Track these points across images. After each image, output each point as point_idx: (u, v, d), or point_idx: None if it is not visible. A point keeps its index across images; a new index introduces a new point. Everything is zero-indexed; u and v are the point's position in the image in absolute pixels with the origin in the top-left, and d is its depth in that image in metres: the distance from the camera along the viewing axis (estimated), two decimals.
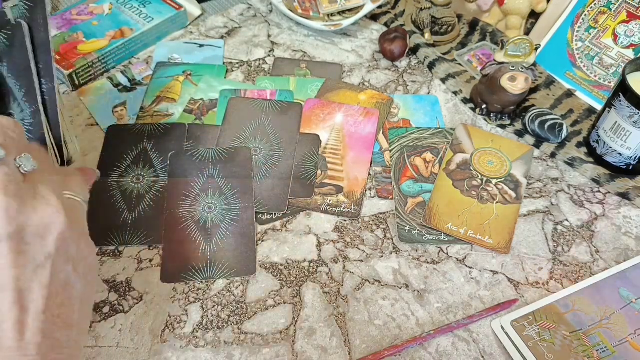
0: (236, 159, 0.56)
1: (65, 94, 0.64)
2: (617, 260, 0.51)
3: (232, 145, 0.57)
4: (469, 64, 0.71)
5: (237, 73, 0.68)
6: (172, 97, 0.63)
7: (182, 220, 0.51)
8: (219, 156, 0.56)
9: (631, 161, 0.56)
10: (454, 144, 0.59)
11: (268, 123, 0.60)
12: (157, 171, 0.55)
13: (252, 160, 0.56)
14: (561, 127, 0.60)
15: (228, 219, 0.51)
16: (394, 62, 0.71)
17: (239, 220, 0.51)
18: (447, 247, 0.51)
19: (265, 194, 0.54)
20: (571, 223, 0.54)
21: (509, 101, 0.60)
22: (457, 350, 0.44)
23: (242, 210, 0.52)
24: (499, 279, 0.49)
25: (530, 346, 0.44)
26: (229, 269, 0.49)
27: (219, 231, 0.51)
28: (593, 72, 0.66)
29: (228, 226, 0.51)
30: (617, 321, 0.45)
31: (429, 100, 0.65)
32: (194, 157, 0.56)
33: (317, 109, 0.62)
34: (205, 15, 0.77)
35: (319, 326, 0.45)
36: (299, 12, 0.74)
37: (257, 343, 0.44)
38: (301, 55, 0.71)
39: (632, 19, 0.64)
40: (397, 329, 0.46)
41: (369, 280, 0.49)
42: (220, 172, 0.55)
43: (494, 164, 0.57)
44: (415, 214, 0.53)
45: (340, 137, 0.60)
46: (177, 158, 0.56)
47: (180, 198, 0.53)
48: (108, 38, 0.68)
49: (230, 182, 0.54)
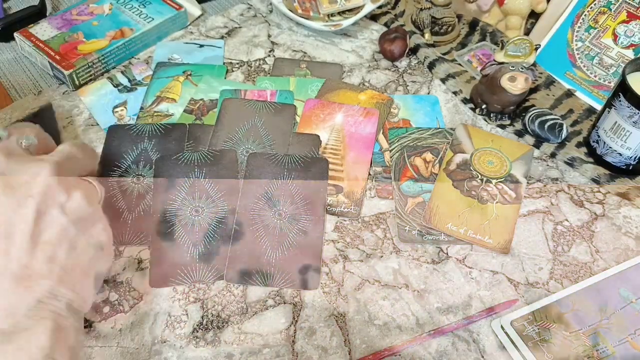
0: (222, 162, 0.55)
1: (65, 94, 0.64)
2: (617, 260, 0.51)
3: (218, 148, 0.56)
4: (469, 64, 0.71)
5: (237, 73, 0.68)
6: (172, 97, 0.63)
7: (169, 224, 0.50)
8: (204, 159, 0.55)
9: (631, 161, 0.56)
10: (453, 144, 0.59)
11: (261, 124, 0.60)
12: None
13: (237, 162, 0.55)
14: (561, 127, 0.60)
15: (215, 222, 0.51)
16: (394, 62, 0.71)
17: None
18: (447, 247, 0.51)
19: None
20: (571, 223, 0.54)
21: (509, 101, 0.60)
22: (457, 350, 0.44)
23: (229, 213, 0.51)
24: (499, 279, 0.49)
25: (530, 346, 0.44)
26: (218, 272, 0.48)
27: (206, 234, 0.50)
28: (593, 72, 0.66)
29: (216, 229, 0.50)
30: (617, 321, 0.45)
31: (429, 100, 0.65)
32: (179, 161, 0.54)
33: (317, 109, 0.62)
34: (205, 15, 0.77)
35: (319, 326, 0.46)
36: (299, 12, 0.74)
37: (257, 343, 0.44)
38: (301, 56, 0.71)
39: (632, 19, 0.64)
40: (397, 329, 0.46)
41: (369, 280, 0.49)
42: (206, 175, 0.53)
43: (494, 164, 0.57)
44: (415, 214, 0.53)
45: (340, 137, 0.60)
46: (162, 162, 0.54)
47: (166, 202, 0.52)
48: (108, 38, 0.68)
49: (217, 184, 0.53)
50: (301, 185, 0.53)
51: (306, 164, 0.55)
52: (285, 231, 0.50)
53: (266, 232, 0.50)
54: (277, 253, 0.49)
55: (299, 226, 0.51)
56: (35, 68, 0.68)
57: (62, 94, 0.64)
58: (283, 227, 0.51)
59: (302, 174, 0.54)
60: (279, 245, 0.50)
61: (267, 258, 0.49)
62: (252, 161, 0.55)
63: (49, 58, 0.64)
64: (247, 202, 0.52)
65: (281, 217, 0.51)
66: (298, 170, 0.54)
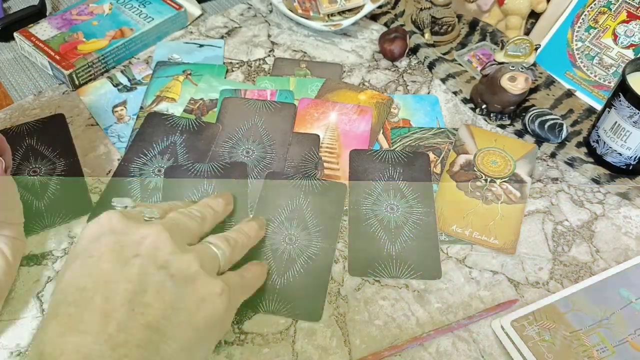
0: (232, 175, 0.54)
1: (65, 93, 0.64)
2: (617, 260, 0.51)
3: (228, 161, 0.56)
4: (469, 64, 0.71)
5: (237, 73, 0.68)
6: (172, 97, 0.63)
7: None
8: (214, 171, 0.54)
9: (631, 161, 0.56)
10: (456, 144, 0.59)
11: (261, 124, 0.60)
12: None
13: (247, 175, 0.54)
14: (561, 127, 0.60)
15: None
16: (394, 62, 0.71)
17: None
18: (447, 247, 0.51)
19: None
20: (571, 223, 0.54)
21: (509, 101, 0.60)
22: (457, 350, 0.44)
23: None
24: (499, 279, 0.49)
25: (530, 346, 0.44)
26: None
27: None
28: (593, 72, 0.66)
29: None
30: (617, 321, 0.45)
31: (429, 100, 0.65)
32: (189, 171, 0.54)
33: (311, 109, 0.62)
34: (205, 15, 0.77)
35: (319, 326, 0.45)
36: (299, 12, 0.74)
37: (257, 343, 0.44)
38: (301, 55, 0.71)
39: (632, 19, 0.64)
40: (397, 329, 0.46)
41: (368, 281, 0.49)
42: (215, 189, 0.53)
43: (497, 163, 0.57)
44: None
45: (335, 136, 0.60)
46: (172, 171, 0.54)
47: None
48: (108, 38, 0.68)
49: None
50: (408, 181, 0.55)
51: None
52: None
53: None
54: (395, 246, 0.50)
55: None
56: (35, 68, 0.68)
57: (61, 94, 0.64)
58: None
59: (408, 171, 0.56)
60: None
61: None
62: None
63: (48, 58, 0.64)
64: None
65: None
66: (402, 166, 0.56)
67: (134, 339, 0.31)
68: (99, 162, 0.57)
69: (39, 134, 0.58)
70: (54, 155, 0.56)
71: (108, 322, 0.32)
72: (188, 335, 0.34)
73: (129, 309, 0.32)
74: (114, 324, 0.32)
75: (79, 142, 0.58)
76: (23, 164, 0.55)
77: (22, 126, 0.59)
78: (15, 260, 0.44)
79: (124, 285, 0.33)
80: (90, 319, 0.32)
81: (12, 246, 0.44)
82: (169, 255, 0.36)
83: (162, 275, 0.35)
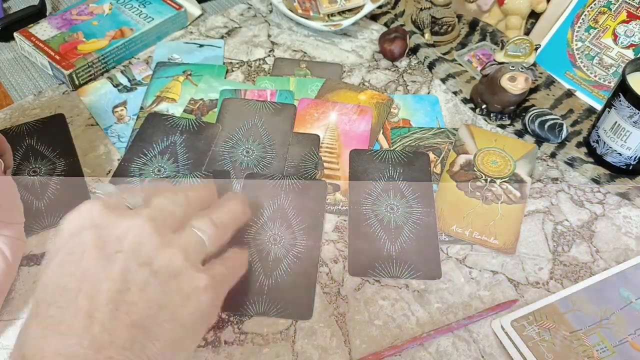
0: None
1: (65, 93, 0.64)
2: (617, 260, 0.51)
3: (210, 170, 0.55)
4: (469, 64, 0.71)
5: (237, 73, 0.68)
6: (172, 97, 0.63)
7: None
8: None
9: (631, 161, 0.56)
10: (456, 145, 0.59)
11: (261, 124, 0.60)
12: (179, 167, 0.55)
13: (232, 182, 0.54)
14: (561, 127, 0.60)
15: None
16: (394, 62, 0.71)
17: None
18: (447, 247, 0.51)
19: None
20: (571, 223, 0.54)
21: (509, 101, 0.60)
22: (457, 350, 0.44)
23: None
24: (499, 279, 0.49)
25: (530, 346, 0.44)
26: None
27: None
28: (593, 72, 0.66)
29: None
30: (617, 321, 0.45)
31: (429, 100, 0.65)
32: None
33: (310, 109, 0.62)
34: (205, 15, 0.77)
35: (319, 326, 0.45)
36: (299, 12, 0.74)
37: (257, 343, 0.44)
38: (301, 55, 0.71)
39: (632, 19, 0.64)
40: (397, 329, 0.46)
41: (369, 281, 0.49)
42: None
43: (497, 163, 0.57)
44: None
45: (335, 136, 0.60)
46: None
47: None
48: (108, 38, 0.68)
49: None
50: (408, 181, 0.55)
51: (409, 159, 0.56)
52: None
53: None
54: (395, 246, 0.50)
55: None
56: (35, 68, 0.68)
57: (61, 94, 0.64)
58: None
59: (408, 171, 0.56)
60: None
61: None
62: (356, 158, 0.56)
63: (48, 58, 0.64)
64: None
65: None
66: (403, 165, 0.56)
67: (119, 339, 0.31)
68: (99, 162, 0.57)
69: (39, 134, 0.58)
70: (54, 155, 0.56)
71: (91, 322, 0.31)
72: (174, 332, 0.33)
73: (113, 308, 0.31)
74: (98, 324, 0.31)
75: (79, 142, 0.58)
76: (23, 164, 0.55)
77: (22, 126, 0.59)
78: (15, 260, 0.44)
79: (107, 284, 0.32)
80: (73, 320, 0.31)
81: (12, 246, 0.44)
82: (153, 250, 0.34)
83: (146, 272, 0.33)
